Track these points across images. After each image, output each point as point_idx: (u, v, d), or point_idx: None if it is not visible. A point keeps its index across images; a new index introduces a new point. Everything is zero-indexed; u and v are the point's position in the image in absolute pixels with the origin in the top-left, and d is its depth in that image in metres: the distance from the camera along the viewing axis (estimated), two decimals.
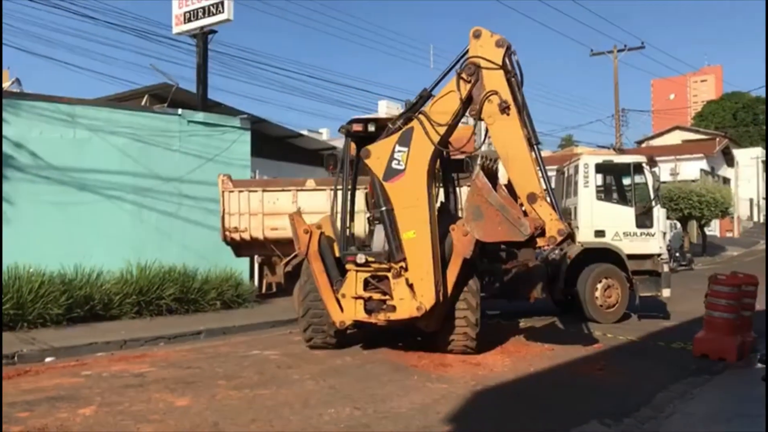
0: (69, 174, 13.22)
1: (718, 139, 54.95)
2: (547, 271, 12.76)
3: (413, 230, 8.25)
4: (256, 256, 15.38)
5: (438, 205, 9.49)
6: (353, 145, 9.50)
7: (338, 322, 8.82)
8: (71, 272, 11.86)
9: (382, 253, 8.65)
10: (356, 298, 8.64)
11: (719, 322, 9.00)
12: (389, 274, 8.44)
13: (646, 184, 12.94)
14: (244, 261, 15.10)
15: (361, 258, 8.59)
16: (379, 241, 9.04)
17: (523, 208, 7.82)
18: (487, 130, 8.26)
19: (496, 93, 7.89)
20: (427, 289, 8.20)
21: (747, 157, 59.18)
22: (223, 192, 13.17)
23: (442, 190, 10.46)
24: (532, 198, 7.66)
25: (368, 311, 8.62)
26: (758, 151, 61.00)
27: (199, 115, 15.42)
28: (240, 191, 13.13)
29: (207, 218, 14.48)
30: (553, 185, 9.46)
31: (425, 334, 9.25)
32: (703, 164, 47.86)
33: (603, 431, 5.87)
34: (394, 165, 8.34)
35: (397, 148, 8.34)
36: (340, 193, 9.41)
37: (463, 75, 8.07)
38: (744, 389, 7.58)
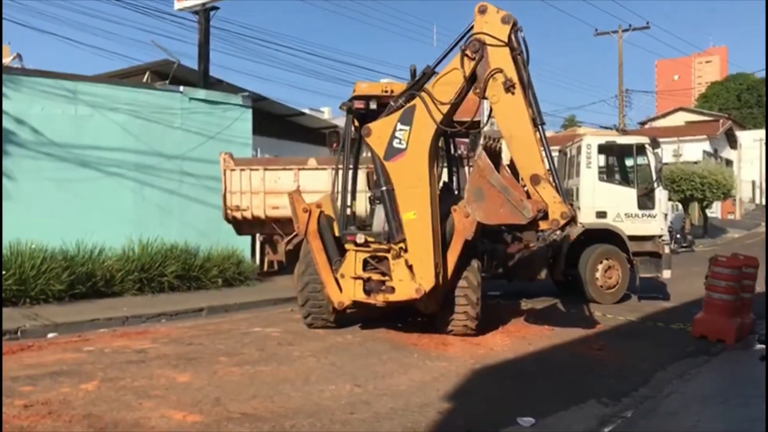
0: (70, 150, 13.20)
1: (721, 120, 54.73)
2: (548, 252, 12.78)
3: (413, 211, 8.07)
4: (257, 235, 15.42)
5: (440, 184, 9.44)
6: (356, 123, 9.31)
7: (337, 302, 8.67)
8: (73, 249, 11.88)
9: (381, 233, 8.49)
10: (355, 278, 8.47)
11: (719, 303, 9.03)
12: (389, 255, 8.28)
13: (648, 165, 12.92)
14: (246, 239, 15.13)
15: (360, 238, 8.42)
16: (379, 221, 8.88)
17: (526, 189, 7.66)
18: (491, 109, 8.03)
19: (500, 71, 7.64)
20: (427, 270, 8.05)
21: (750, 138, 58.96)
22: (224, 170, 13.17)
23: (445, 169, 10.41)
24: (535, 180, 7.45)
25: (367, 292, 8.44)
26: (762, 133, 60.71)
27: (201, 93, 15.37)
28: (242, 170, 13.12)
29: (208, 196, 14.48)
30: (555, 166, 9.36)
31: (426, 314, 9.20)
32: (706, 146, 47.69)
33: (601, 410, 5.92)
34: (395, 144, 8.12)
35: (399, 126, 8.11)
36: (341, 171, 9.24)
37: (468, 52, 7.80)
38: (742, 371, 7.63)
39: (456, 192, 10.25)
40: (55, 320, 9.47)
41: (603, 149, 13.41)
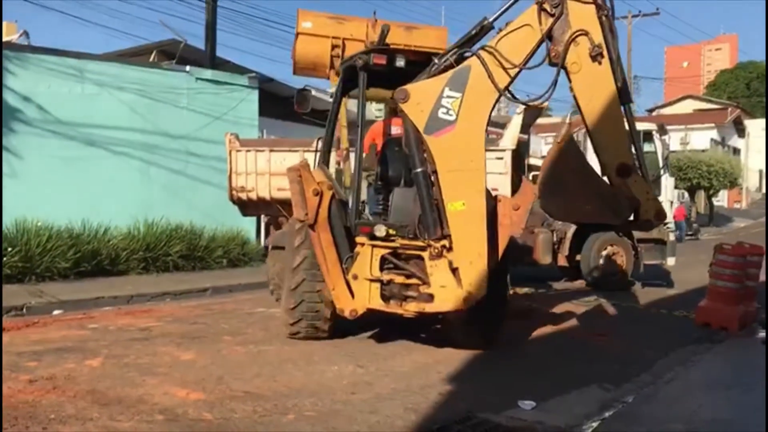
0: (77, 129, 13.22)
1: (729, 109, 54.47)
2: (552, 237, 12.77)
3: (463, 200, 6.33)
4: (262, 216, 15.43)
5: None
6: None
7: (348, 310, 6.75)
8: (79, 227, 11.96)
9: (409, 225, 6.77)
10: (372, 280, 6.75)
11: (723, 291, 9.00)
12: (424, 254, 6.55)
13: (655, 152, 12.88)
14: (251, 220, 15.17)
15: (380, 230, 6.78)
16: (401, 209, 7.26)
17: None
18: (556, 80, 6.50)
19: (585, 33, 6.27)
20: (478, 275, 6.37)
21: (758, 127, 58.55)
22: (230, 151, 13.14)
23: None
24: (624, 170, 6.27)
25: (386, 298, 6.76)
26: None
27: (207, 73, 15.34)
28: (247, 150, 13.09)
29: (214, 177, 14.49)
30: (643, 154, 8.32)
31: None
32: (714, 134, 47.53)
33: (602, 395, 5.93)
34: (440, 114, 6.30)
35: (447, 92, 6.30)
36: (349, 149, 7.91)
37: (546, 6, 6.32)
38: (744, 358, 7.62)
39: None
40: (60, 297, 9.54)
41: None
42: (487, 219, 6.60)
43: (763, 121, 60.52)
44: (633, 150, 6.55)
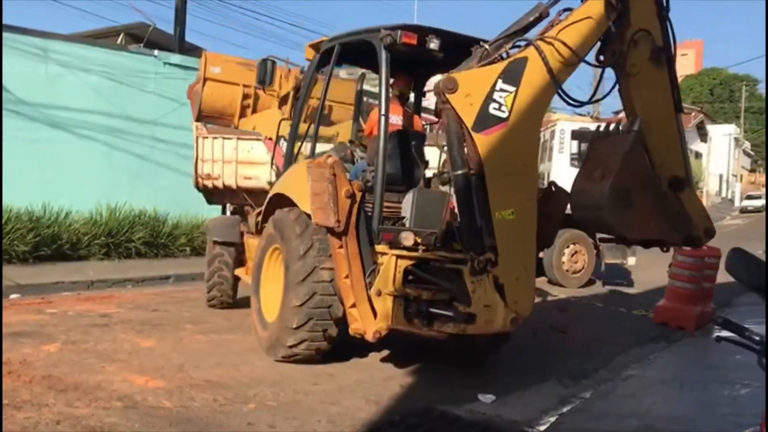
0: (40, 110, 12.94)
1: (693, 113, 55.51)
2: None
3: (512, 208, 5.53)
4: (227, 205, 15.29)
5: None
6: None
7: (372, 332, 5.64)
8: (39, 210, 11.71)
9: (436, 232, 5.85)
10: (397, 296, 5.66)
11: (681, 292, 9.22)
12: (464, 268, 5.65)
13: None
14: (216, 208, 15.00)
15: (408, 238, 5.76)
16: (425, 215, 6.30)
17: None
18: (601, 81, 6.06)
19: (647, 33, 5.72)
20: (525, 292, 5.75)
21: (720, 133, 60.05)
22: (197, 137, 12.99)
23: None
24: (677, 184, 5.87)
25: (410, 316, 5.69)
26: (731, 128, 62.00)
27: (176, 58, 15.13)
28: (214, 138, 12.94)
29: (180, 163, 14.29)
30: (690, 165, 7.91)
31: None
32: None
33: (561, 390, 6.02)
34: (491, 109, 5.45)
35: (500, 84, 5.47)
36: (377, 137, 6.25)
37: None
38: (700, 357, 7.82)
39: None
40: (18, 281, 9.35)
41: (576, 135, 13.57)
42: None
43: (725, 126, 62.07)
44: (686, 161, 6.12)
